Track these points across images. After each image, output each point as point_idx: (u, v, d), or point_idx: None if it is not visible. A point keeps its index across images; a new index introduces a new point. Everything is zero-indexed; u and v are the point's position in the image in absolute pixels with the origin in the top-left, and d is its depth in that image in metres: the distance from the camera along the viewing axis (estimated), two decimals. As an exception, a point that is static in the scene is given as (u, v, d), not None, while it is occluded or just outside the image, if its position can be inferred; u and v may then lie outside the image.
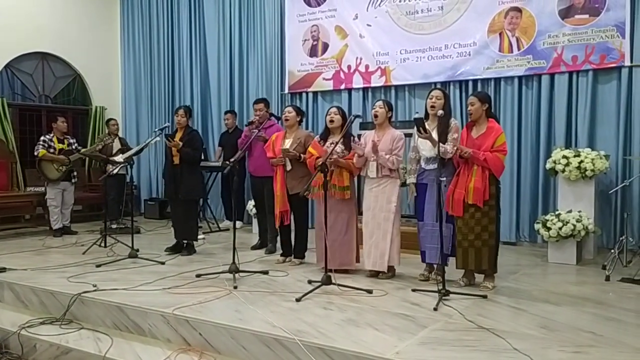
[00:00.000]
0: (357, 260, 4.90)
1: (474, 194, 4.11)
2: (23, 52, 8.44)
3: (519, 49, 6.28)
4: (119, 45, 9.83)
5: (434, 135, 4.25)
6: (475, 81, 6.59)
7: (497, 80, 6.48)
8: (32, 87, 8.77)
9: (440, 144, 4.16)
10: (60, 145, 7.17)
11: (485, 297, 4.01)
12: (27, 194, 7.58)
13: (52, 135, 7.23)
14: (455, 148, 4.24)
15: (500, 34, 6.38)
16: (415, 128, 4.33)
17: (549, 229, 5.28)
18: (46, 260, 5.50)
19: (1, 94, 8.22)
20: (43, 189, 7.30)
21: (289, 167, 5.12)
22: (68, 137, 7.42)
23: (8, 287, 4.62)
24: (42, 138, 7.21)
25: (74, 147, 7.27)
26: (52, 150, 7.09)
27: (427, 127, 4.22)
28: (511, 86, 6.40)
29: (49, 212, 7.23)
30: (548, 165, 5.59)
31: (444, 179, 4.15)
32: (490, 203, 4.16)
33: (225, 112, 8.07)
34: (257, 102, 6.12)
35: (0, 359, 3.84)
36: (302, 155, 5.05)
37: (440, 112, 4.20)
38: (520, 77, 6.34)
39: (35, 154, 7.07)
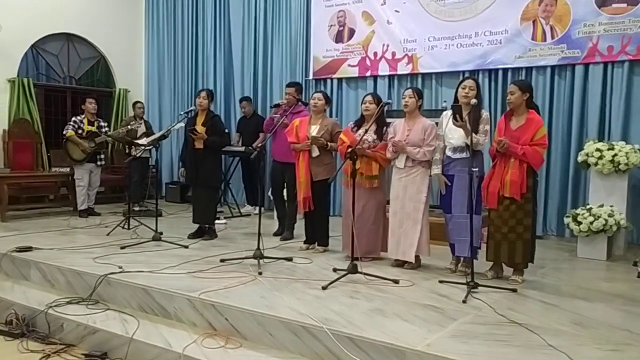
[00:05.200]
0: (385, 249, 4.85)
1: (511, 186, 4.01)
2: (48, 33, 8.47)
3: (552, 37, 6.11)
4: (143, 28, 9.82)
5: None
6: (505, 70, 6.45)
7: (529, 70, 6.31)
8: (57, 68, 8.81)
9: (474, 134, 4.06)
10: (90, 127, 7.21)
11: (515, 291, 3.93)
12: (52, 174, 7.61)
13: (83, 116, 7.28)
14: (485, 139, 4.15)
15: (533, 22, 6.22)
16: (448, 115, 4.24)
17: (579, 223, 5.17)
18: (71, 241, 5.53)
19: (26, 75, 8.27)
20: (67, 169, 7.35)
21: (315, 154, 5.06)
22: (100, 120, 7.48)
23: (35, 266, 4.66)
24: (73, 119, 7.27)
25: (103, 130, 7.30)
26: (80, 132, 7.13)
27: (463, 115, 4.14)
28: (543, 76, 6.24)
29: (74, 193, 7.29)
30: (580, 158, 5.45)
31: (476, 169, 4.05)
32: (527, 196, 4.04)
33: (241, 100, 8.00)
34: (289, 85, 5.92)
35: (27, 338, 3.86)
36: (328, 143, 5.00)
37: (474, 101, 4.10)
38: (553, 67, 6.18)
39: (64, 133, 7.13)
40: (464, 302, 3.63)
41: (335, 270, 4.38)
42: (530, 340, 2.98)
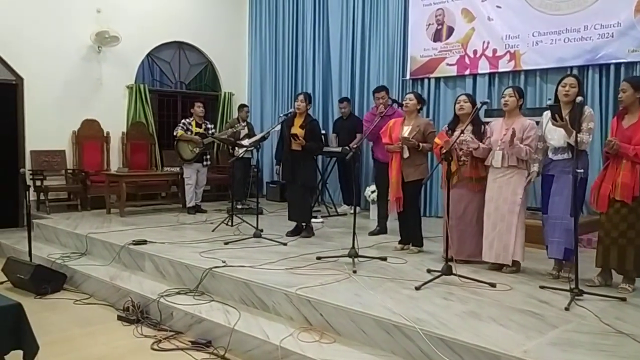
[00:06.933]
0: None
1: (622, 189, 3.78)
2: (162, 42, 9.14)
3: (672, 29, 5.65)
4: (247, 34, 10.28)
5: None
6: (618, 65, 6.02)
7: (644, 64, 5.88)
8: (170, 74, 9.46)
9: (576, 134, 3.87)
10: (198, 129, 7.67)
11: (624, 299, 3.69)
12: (164, 174, 8.16)
13: (191, 119, 7.76)
14: (590, 137, 3.97)
15: (650, 13, 5.78)
16: (548, 115, 4.08)
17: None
18: (181, 236, 5.94)
19: (142, 81, 8.97)
20: (178, 169, 7.87)
21: (406, 155, 5.04)
22: (207, 122, 7.92)
23: (149, 258, 5.07)
24: (182, 121, 7.78)
25: (209, 132, 7.75)
26: (189, 133, 7.62)
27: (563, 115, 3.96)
28: (661, 70, 5.78)
29: (183, 191, 7.80)
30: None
31: (581, 171, 3.84)
32: (641, 199, 3.80)
33: (341, 100, 8.10)
34: (377, 90, 6.08)
35: (141, 324, 4.21)
36: (420, 144, 4.97)
37: (580, 98, 3.90)
38: (672, 61, 5.71)
39: (175, 133, 7.64)
40: (566, 309, 3.47)
41: (429, 271, 4.36)
42: (638, 352, 2.81)
